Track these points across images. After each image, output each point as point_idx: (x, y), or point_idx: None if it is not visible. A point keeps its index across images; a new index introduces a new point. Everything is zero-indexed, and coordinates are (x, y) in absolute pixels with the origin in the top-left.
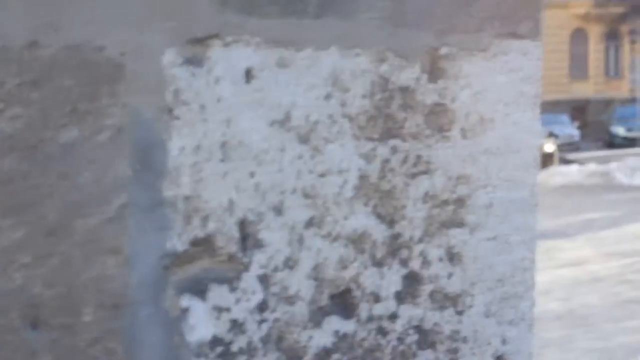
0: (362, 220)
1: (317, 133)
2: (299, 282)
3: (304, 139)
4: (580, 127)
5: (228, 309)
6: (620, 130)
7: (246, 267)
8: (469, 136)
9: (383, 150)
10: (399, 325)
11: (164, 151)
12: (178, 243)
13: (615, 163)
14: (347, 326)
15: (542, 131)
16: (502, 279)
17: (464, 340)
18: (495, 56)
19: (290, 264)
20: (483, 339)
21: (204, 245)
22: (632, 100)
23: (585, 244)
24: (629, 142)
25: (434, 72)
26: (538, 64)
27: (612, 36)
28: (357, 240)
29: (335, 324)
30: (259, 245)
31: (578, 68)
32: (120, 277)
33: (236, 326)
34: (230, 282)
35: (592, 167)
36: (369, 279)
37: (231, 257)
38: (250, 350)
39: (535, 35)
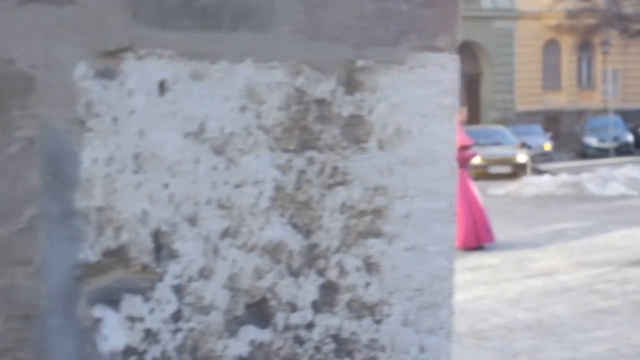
0: (278, 230)
1: (232, 145)
2: (214, 292)
3: (218, 151)
4: (553, 138)
5: (142, 319)
6: (592, 141)
7: (160, 277)
8: (387, 147)
9: (299, 162)
10: (316, 334)
11: (76, 163)
12: (90, 254)
13: (587, 174)
14: (263, 335)
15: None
16: (421, 288)
17: (382, 348)
18: (413, 69)
19: (205, 274)
20: (401, 348)
21: (117, 255)
22: (604, 111)
23: (555, 254)
24: (601, 153)
25: (351, 85)
26: (455, 77)
27: (584, 47)
28: (273, 251)
29: (251, 333)
30: (173, 255)
31: (551, 79)
32: (31, 287)
33: (150, 336)
34: (144, 292)
35: (564, 177)
36: (285, 288)
37: (145, 268)
38: (164, 359)
39: (452, 48)
